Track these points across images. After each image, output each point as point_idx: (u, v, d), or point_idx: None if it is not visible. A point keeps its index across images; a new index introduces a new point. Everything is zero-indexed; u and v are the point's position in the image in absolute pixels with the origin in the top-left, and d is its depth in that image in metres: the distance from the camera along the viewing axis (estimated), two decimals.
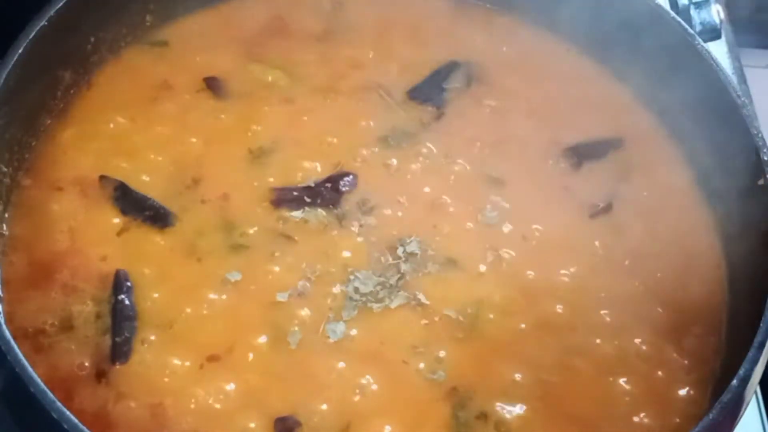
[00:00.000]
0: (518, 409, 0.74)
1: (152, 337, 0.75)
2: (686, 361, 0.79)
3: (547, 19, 0.98)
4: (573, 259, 0.83)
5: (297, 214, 0.83)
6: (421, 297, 0.79)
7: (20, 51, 0.78)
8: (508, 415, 0.74)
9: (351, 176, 0.85)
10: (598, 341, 0.79)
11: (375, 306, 0.78)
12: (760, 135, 0.83)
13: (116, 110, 0.88)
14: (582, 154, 0.90)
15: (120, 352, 0.73)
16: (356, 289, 0.78)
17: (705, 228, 0.88)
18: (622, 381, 0.77)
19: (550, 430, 0.74)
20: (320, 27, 0.98)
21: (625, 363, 0.78)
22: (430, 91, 0.93)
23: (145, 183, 0.84)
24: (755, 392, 0.87)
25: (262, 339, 0.75)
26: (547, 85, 0.96)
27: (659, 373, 0.78)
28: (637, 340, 0.79)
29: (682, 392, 0.77)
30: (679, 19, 0.91)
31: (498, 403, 0.74)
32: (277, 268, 0.79)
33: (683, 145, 0.92)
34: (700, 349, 0.80)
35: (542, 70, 0.97)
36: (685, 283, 0.84)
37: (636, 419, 0.75)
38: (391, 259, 0.81)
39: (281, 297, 0.77)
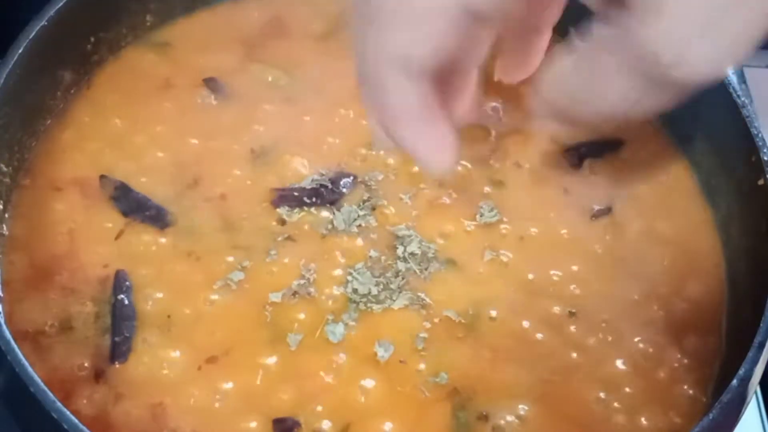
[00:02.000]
0: (519, 410, 0.74)
1: (151, 337, 0.74)
2: (686, 361, 0.79)
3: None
4: (573, 260, 0.83)
5: (297, 214, 0.83)
6: (424, 297, 0.79)
7: (20, 51, 0.78)
8: (508, 416, 0.74)
9: (351, 176, 0.85)
10: (597, 341, 0.79)
11: (375, 307, 0.78)
12: (760, 135, 0.82)
13: (116, 110, 0.88)
14: (582, 154, 0.90)
15: (119, 351, 0.73)
16: (355, 290, 0.78)
17: (705, 228, 0.88)
18: (622, 381, 0.77)
19: (550, 430, 0.74)
20: (320, 27, 0.98)
21: (625, 363, 0.78)
22: None
23: (145, 183, 0.83)
24: (755, 392, 0.87)
25: (262, 339, 0.75)
26: None
27: (659, 372, 0.78)
28: (637, 340, 0.79)
29: (682, 392, 0.77)
30: None
31: (498, 404, 0.74)
32: (276, 269, 0.79)
33: (683, 145, 0.92)
34: (700, 349, 0.80)
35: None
36: (685, 283, 0.84)
37: (636, 419, 0.75)
38: (391, 259, 0.81)
39: (280, 297, 0.77)
